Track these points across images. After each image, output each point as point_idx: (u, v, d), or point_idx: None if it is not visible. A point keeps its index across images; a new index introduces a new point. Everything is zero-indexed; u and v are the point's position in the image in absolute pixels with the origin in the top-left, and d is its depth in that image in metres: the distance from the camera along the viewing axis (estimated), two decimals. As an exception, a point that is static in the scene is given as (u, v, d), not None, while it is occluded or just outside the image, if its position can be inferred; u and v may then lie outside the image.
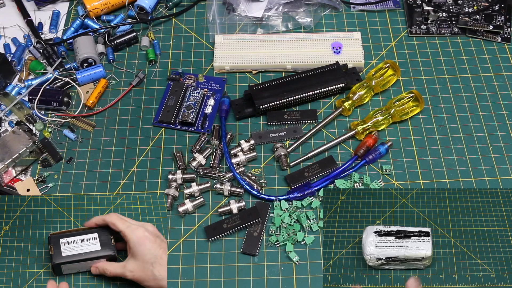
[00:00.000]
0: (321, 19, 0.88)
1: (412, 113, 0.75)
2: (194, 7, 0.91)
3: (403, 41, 0.85)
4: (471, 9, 0.87)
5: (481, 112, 0.76)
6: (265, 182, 0.70)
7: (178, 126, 0.76)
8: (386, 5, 0.89)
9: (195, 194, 0.69)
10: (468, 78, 0.80)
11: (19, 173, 0.73)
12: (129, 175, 0.72)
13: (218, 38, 0.84)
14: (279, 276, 0.63)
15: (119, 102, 0.80)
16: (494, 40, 0.84)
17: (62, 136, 0.76)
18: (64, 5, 0.93)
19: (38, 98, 0.77)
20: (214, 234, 0.65)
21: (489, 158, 0.72)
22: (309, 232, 0.66)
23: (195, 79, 0.81)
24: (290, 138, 0.74)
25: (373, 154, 0.71)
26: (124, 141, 0.75)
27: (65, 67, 0.83)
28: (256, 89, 0.76)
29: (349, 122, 0.76)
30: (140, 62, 0.84)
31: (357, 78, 0.79)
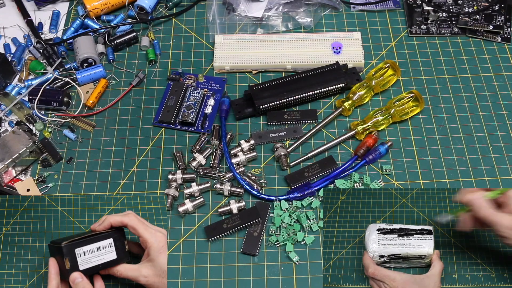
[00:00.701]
0: (321, 19, 0.88)
1: (412, 113, 0.75)
2: (194, 7, 0.91)
3: (403, 41, 0.85)
4: (471, 9, 0.87)
5: (481, 112, 0.76)
6: (265, 182, 0.70)
7: (178, 126, 0.76)
8: (386, 5, 0.89)
9: (195, 194, 0.69)
10: (468, 78, 0.80)
11: (19, 173, 0.73)
12: (129, 175, 0.72)
13: (218, 38, 0.84)
14: (279, 276, 0.63)
15: (119, 102, 0.80)
16: (494, 40, 0.84)
17: (62, 136, 0.76)
18: (64, 5, 0.93)
19: (38, 98, 0.77)
20: (214, 234, 0.65)
21: (489, 158, 0.72)
22: (309, 232, 0.66)
23: (195, 79, 0.81)
24: (290, 138, 0.74)
25: (373, 154, 0.71)
26: (124, 141, 0.75)
27: (65, 67, 0.83)
28: (256, 89, 0.76)
29: (349, 122, 0.76)
30: (140, 62, 0.84)
31: (357, 78, 0.79)
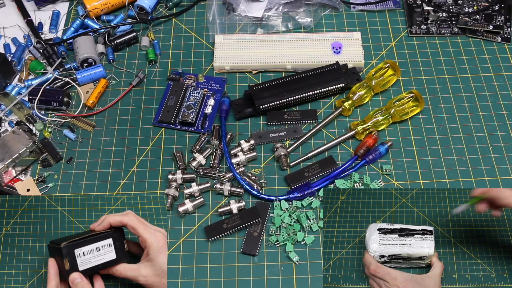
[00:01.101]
0: (321, 19, 0.88)
1: (412, 113, 0.75)
2: (194, 7, 0.91)
3: (403, 41, 0.85)
4: (471, 9, 0.87)
5: (481, 112, 0.76)
6: (265, 182, 0.70)
7: (178, 126, 0.76)
8: (386, 5, 0.89)
9: (195, 194, 0.69)
10: (468, 78, 0.80)
11: (19, 173, 0.73)
12: (129, 175, 0.72)
13: (218, 38, 0.84)
14: (279, 276, 0.63)
15: (119, 102, 0.80)
16: (494, 40, 0.84)
17: (62, 136, 0.76)
18: (64, 5, 0.93)
19: (38, 98, 0.77)
20: (214, 234, 0.65)
21: (489, 158, 0.72)
22: (309, 232, 0.66)
23: (195, 79, 0.81)
24: (290, 138, 0.74)
25: (373, 154, 0.71)
26: (124, 141, 0.75)
27: (65, 67, 0.83)
28: (256, 89, 0.76)
29: (349, 122, 0.76)
30: (140, 62, 0.84)
31: (357, 78, 0.79)
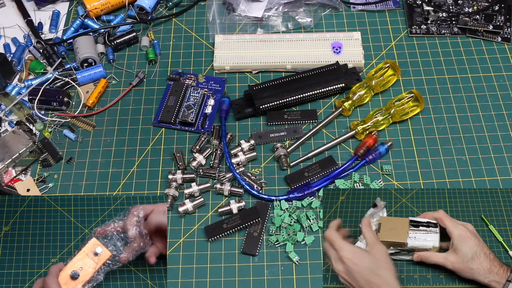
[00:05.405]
0: (321, 19, 0.88)
1: (412, 113, 0.75)
2: (194, 7, 0.91)
3: (403, 41, 0.85)
4: (471, 9, 0.87)
5: (481, 112, 0.76)
6: (265, 182, 0.70)
7: (178, 126, 0.76)
8: (386, 5, 0.89)
9: (195, 194, 0.69)
10: (468, 78, 0.80)
11: (19, 173, 0.73)
12: (129, 175, 0.72)
13: (218, 38, 0.84)
14: (279, 276, 0.63)
15: (119, 102, 0.80)
16: (494, 40, 0.84)
17: (62, 136, 0.76)
18: (64, 5, 0.93)
19: (38, 98, 0.77)
20: (214, 234, 0.65)
21: (489, 158, 0.72)
22: (309, 232, 0.66)
23: (195, 79, 0.81)
24: (290, 138, 0.74)
25: (373, 154, 0.71)
26: (124, 141, 0.75)
27: (65, 67, 0.83)
28: (256, 89, 0.76)
29: (349, 122, 0.76)
30: (140, 62, 0.84)
31: (357, 78, 0.79)
